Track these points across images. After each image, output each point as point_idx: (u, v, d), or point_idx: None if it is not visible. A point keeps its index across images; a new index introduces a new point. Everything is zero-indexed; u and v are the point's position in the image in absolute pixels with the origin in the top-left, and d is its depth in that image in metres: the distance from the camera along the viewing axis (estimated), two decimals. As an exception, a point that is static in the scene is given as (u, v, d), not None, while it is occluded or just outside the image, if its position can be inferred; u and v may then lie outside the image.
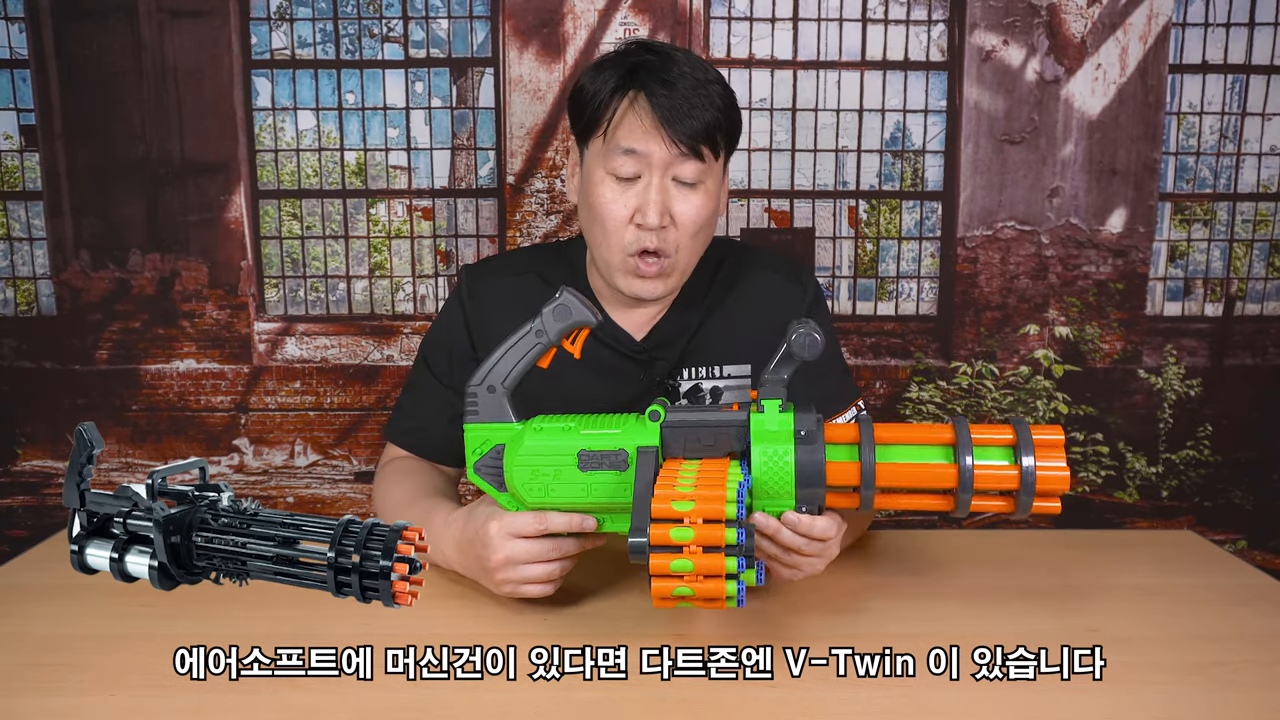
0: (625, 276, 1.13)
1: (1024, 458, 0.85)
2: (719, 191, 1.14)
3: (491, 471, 0.94)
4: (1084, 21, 1.90)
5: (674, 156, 1.07)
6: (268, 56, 1.92)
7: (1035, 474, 0.85)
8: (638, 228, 1.09)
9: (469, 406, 0.93)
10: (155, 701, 0.81)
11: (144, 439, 2.01)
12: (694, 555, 0.76)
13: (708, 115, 1.07)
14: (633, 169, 1.08)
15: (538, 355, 0.92)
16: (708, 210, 1.11)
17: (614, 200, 1.09)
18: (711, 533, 0.75)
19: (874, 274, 2.01)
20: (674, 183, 1.09)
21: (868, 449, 0.85)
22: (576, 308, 0.90)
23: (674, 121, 1.06)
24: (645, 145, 1.07)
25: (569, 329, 0.91)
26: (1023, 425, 0.87)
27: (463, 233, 1.98)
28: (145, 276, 1.96)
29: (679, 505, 0.76)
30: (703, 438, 0.88)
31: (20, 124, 1.92)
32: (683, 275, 1.16)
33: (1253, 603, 1.01)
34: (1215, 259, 2.00)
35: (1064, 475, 0.86)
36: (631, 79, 1.08)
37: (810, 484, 0.85)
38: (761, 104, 1.94)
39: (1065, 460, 0.87)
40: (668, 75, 1.07)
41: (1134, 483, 2.04)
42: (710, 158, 1.09)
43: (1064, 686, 0.83)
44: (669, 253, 1.10)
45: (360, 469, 2.04)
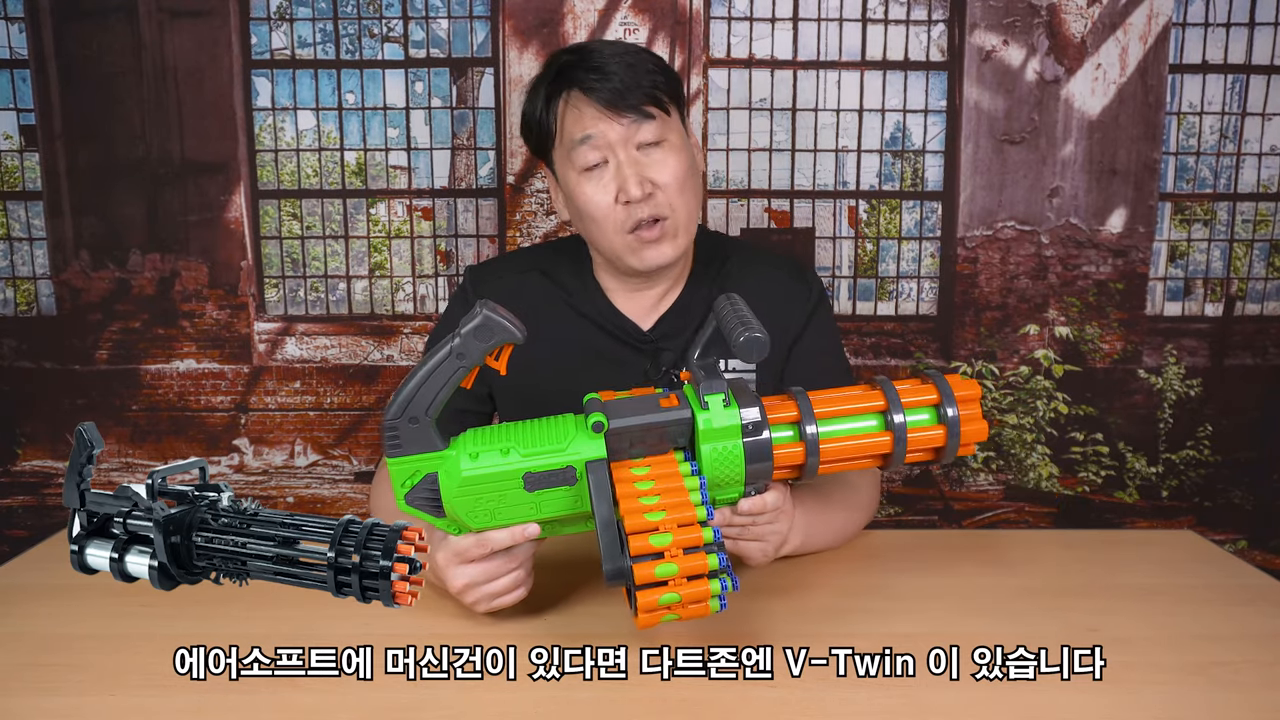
0: (634, 254, 1.14)
1: (948, 410, 0.89)
2: (686, 146, 1.16)
3: (427, 500, 0.88)
4: (1084, 21, 1.90)
5: (627, 126, 1.10)
6: (268, 56, 1.92)
7: (959, 429, 0.89)
8: (626, 205, 1.11)
9: (390, 441, 0.86)
10: (155, 701, 0.81)
11: (144, 439, 2.01)
12: (676, 558, 0.77)
13: (639, 77, 1.11)
14: (596, 155, 1.11)
15: (460, 378, 0.85)
16: (682, 165, 1.13)
17: (595, 191, 1.12)
18: (689, 535, 0.77)
19: (874, 274, 2.01)
20: (639, 151, 1.12)
21: (810, 424, 0.88)
22: (498, 325, 0.83)
23: (611, 96, 1.10)
24: (596, 127, 1.10)
25: (492, 348, 0.84)
26: (941, 380, 0.90)
27: (463, 233, 1.98)
28: (145, 276, 1.96)
29: (651, 516, 0.78)
30: (648, 439, 0.86)
31: (20, 124, 1.92)
32: (687, 233, 1.16)
33: (1253, 603, 1.01)
34: (1215, 259, 2.00)
35: (982, 428, 0.90)
36: (559, 82, 1.13)
37: (760, 473, 0.87)
38: (761, 104, 1.94)
39: (980, 413, 0.91)
40: (591, 63, 1.11)
41: (1134, 483, 2.04)
42: (660, 114, 1.12)
43: (1064, 686, 0.83)
44: (665, 214, 1.12)
45: (360, 469, 2.04)
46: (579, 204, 1.14)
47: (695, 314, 1.22)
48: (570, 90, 1.12)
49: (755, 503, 0.91)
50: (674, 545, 0.77)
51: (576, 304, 1.24)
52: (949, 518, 2.06)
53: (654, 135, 1.12)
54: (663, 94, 1.13)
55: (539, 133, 1.17)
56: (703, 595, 0.77)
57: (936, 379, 0.90)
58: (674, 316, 1.23)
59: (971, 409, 0.90)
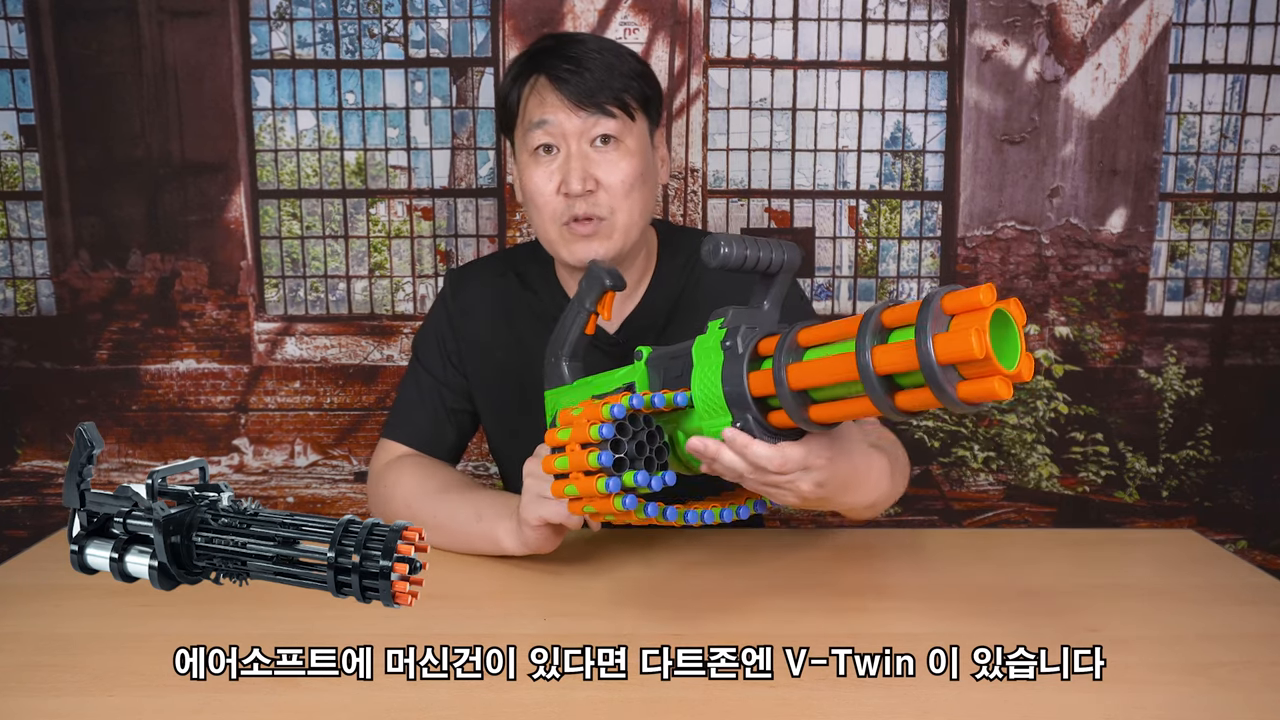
0: (565, 245, 1.15)
1: (924, 326, 0.64)
2: (644, 152, 1.16)
3: None
4: (1084, 21, 1.90)
5: (583, 120, 1.11)
6: (267, 56, 1.92)
7: (933, 345, 0.63)
8: (565, 197, 1.12)
9: (547, 377, 1.05)
10: (155, 701, 0.81)
11: (144, 439, 2.01)
12: (574, 454, 0.82)
13: (607, 76, 1.11)
14: (547, 139, 1.12)
15: (583, 324, 1.03)
16: (633, 169, 1.13)
17: (540, 177, 1.13)
18: (583, 433, 0.82)
19: (874, 274, 2.01)
20: (591, 147, 1.12)
21: (780, 354, 0.75)
22: (594, 275, 1.02)
23: (575, 87, 1.10)
24: (554, 115, 1.11)
25: (599, 294, 1.01)
26: (932, 298, 0.66)
27: (463, 233, 1.98)
28: (145, 276, 1.96)
29: (562, 434, 0.84)
30: (671, 369, 0.88)
31: (20, 124, 1.92)
32: (625, 235, 1.15)
33: (1253, 603, 1.01)
34: (1215, 259, 2.00)
35: (967, 338, 0.62)
36: (531, 65, 1.14)
37: (737, 399, 0.79)
38: (761, 104, 1.94)
39: (984, 327, 0.63)
40: (567, 52, 1.12)
41: (1134, 483, 2.04)
42: (623, 116, 1.12)
43: (1064, 686, 0.83)
44: (603, 214, 1.13)
45: (360, 469, 2.04)
46: (524, 184, 1.15)
47: (661, 312, 1.22)
48: (539, 75, 1.13)
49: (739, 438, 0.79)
50: (572, 440, 0.83)
51: (545, 309, 1.24)
52: (949, 518, 2.06)
53: (609, 131, 1.12)
54: (632, 98, 1.13)
55: (504, 109, 1.18)
56: (590, 490, 0.81)
57: (936, 291, 0.66)
58: (640, 316, 1.23)
59: (967, 323, 0.64)
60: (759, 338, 0.80)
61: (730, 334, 0.81)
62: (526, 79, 1.15)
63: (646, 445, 0.83)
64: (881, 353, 0.67)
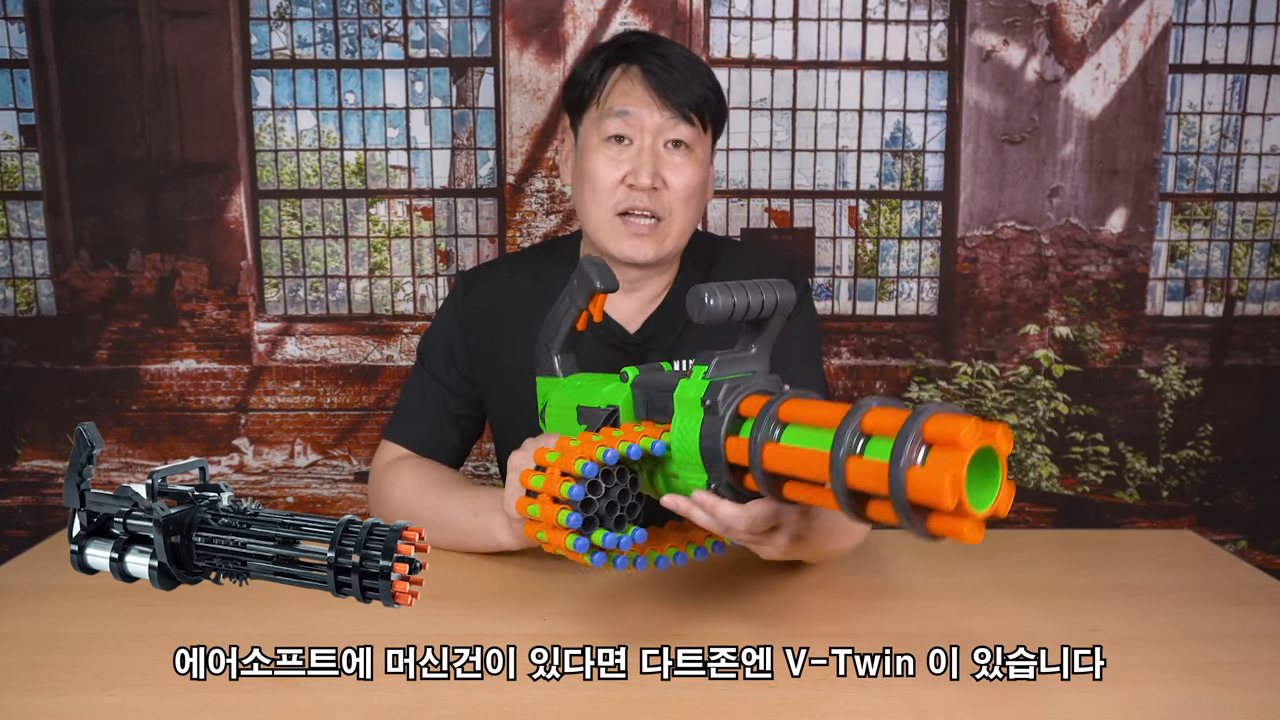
0: (615, 238, 1.14)
1: (899, 454, 0.60)
2: (706, 165, 1.17)
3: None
4: (1084, 21, 1.90)
5: (665, 120, 1.12)
6: (267, 56, 1.92)
7: (905, 481, 0.59)
8: (629, 188, 1.12)
9: (539, 363, 1.03)
10: (155, 701, 0.81)
11: (144, 439, 2.01)
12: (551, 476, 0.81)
13: (696, 85, 1.12)
14: (625, 129, 1.12)
15: (574, 319, 1.00)
16: (698, 179, 1.14)
17: (607, 163, 1.13)
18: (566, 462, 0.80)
19: (874, 274, 2.01)
20: (665, 149, 1.13)
21: (760, 426, 0.73)
22: (585, 274, 0.98)
23: (665, 86, 1.11)
24: (637, 108, 1.12)
25: (589, 294, 0.98)
26: (915, 419, 0.60)
27: (463, 233, 1.98)
28: (145, 276, 1.96)
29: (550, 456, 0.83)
30: (655, 401, 0.87)
31: (20, 124, 1.93)
32: (676, 243, 1.16)
33: (1253, 603, 1.01)
34: (1215, 259, 2.00)
35: (940, 485, 0.58)
36: (623, 54, 1.14)
37: (712, 459, 0.78)
38: (761, 104, 1.94)
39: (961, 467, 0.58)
40: (659, 50, 1.13)
41: (1134, 483, 2.04)
42: (697, 124, 1.13)
43: (1064, 686, 0.83)
44: (662, 215, 1.13)
45: (360, 469, 2.04)
46: (586, 168, 1.14)
47: (681, 317, 1.22)
48: (631, 65, 1.13)
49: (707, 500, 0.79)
50: (554, 466, 0.81)
51: None
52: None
53: (684, 138, 1.13)
54: (707, 109, 1.14)
55: (581, 91, 1.17)
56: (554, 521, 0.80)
57: (923, 410, 0.61)
58: (660, 318, 1.23)
59: (947, 456, 0.59)
60: (742, 397, 0.77)
61: (711, 391, 0.77)
62: (615, 66, 1.15)
63: (618, 504, 0.82)
64: (855, 465, 0.64)
